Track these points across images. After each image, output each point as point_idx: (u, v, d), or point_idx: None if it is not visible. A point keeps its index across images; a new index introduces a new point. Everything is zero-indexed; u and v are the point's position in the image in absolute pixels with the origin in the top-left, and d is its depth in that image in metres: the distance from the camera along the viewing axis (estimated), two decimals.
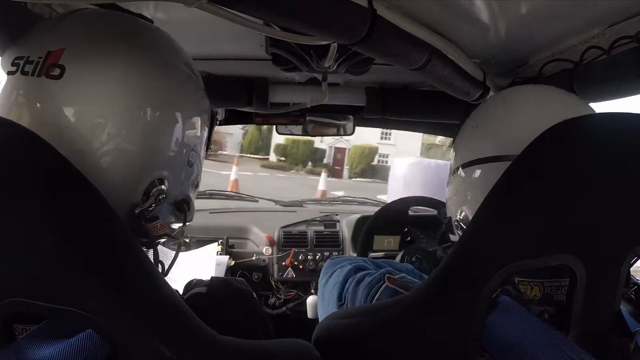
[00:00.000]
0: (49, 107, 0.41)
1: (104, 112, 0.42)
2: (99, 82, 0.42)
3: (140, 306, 0.33)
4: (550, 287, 0.44)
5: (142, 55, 0.45)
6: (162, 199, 0.46)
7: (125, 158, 0.43)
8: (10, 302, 0.29)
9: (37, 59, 0.41)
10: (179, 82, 0.49)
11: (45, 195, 0.31)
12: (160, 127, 0.45)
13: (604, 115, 0.41)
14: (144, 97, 0.44)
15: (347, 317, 0.57)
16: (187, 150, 0.49)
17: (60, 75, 0.41)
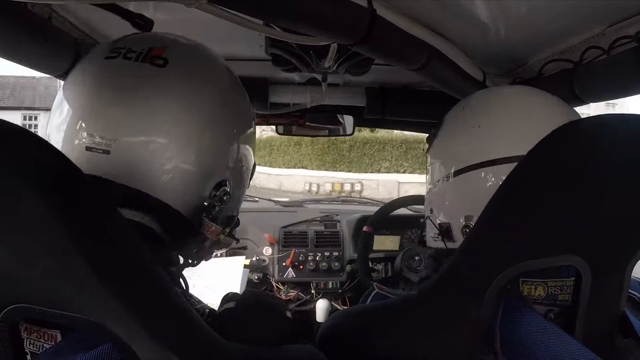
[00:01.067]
0: (144, 90, 0.43)
1: (191, 112, 0.45)
2: (193, 87, 0.46)
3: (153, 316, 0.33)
4: (554, 287, 0.44)
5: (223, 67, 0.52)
6: (226, 199, 0.50)
7: (199, 152, 0.46)
8: (18, 308, 0.29)
9: (139, 50, 0.44)
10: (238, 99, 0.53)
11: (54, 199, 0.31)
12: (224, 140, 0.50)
13: (609, 116, 0.41)
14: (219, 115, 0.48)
15: (352, 315, 0.57)
16: (244, 158, 0.54)
17: (164, 65, 0.44)
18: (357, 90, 1.18)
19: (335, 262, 1.43)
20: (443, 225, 0.60)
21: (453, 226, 0.58)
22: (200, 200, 0.48)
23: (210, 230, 0.49)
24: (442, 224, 0.61)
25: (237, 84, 0.53)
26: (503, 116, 0.56)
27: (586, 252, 0.37)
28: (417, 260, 1.28)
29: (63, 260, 0.30)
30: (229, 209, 0.53)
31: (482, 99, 0.62)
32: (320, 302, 1.33)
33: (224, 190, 0.49)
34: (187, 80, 0.45)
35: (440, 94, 0.88)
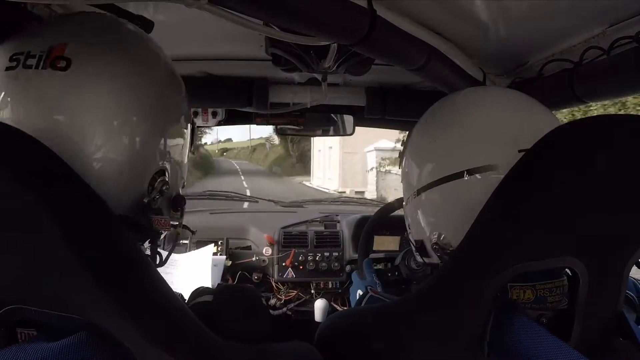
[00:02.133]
0: (52, 99, 0.41)
1: (105, 108, 0.42)
2: (104, 78, 0.42)
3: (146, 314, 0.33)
4: (543, 290, 0.44)
5: (137, 62, 0.47)
6: (165, 189, 0.48)
7: (127, 149, 0.44)
8: (13, 309, 0.29)
9: (39, 52, 0.41)
10: (165, 87, 0.50)
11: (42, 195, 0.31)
12: (151, 134, 0.47)
13: (605, 117, 0.41)
14: (132, 109, 0.45)
15: (349, 317, 0.57)
16: (174, 150, 0.51)
17: (66, 67, 0.41)
18: (357, 90, 1.18)
19: (335, 263, 1.43)
20: (417, 242, 0.59)
21: (425, 243, 0.57)
22: (140, 196, 0.46)
23: (161, 224, 0.48)
24: (417, 241, 0.59)
25: (160, 71, 0.50)
26: (456, 126, 0.53)
27: (583, 253, 0.37)
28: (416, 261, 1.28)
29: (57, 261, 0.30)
30: (171, 191, 0.51)
31: (440, 110, 0.59)
32: (319, 302, 1.33)
33: (162, 180, 0.48)
34: (94, 76, 0.42)
35: (440, 94, 0.87)
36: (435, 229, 0.54)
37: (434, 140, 0.55)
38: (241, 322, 0.45)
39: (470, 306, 0.38)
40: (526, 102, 0.55)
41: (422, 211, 0.57)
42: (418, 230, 0.58)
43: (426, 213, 0.56)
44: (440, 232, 0.53)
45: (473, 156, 0.49)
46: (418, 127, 0.61)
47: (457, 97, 0.60)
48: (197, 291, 0.52)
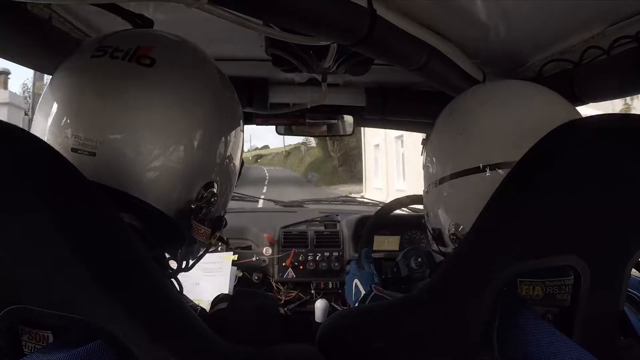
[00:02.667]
0: (130, 90, 0.42)
1: (181, 106, 0.44)
2: (184, 79, 0.45)
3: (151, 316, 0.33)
4: (552, 287, 0.44)
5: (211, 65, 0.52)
6: (213, 201, 0.49)
7: (187, 154, 0.45)
8: (16, 309, 0.29)
9: (127, 48, 0.43)
10: (226, 98, 0.53)
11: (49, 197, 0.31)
12: (211, 140, 0.49)
13: (608, 116, 0.41)
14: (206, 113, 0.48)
15: (351, 316, 0.57)
16: (231, 157, 0.53)
17: (150, 65, 0.43)
18: (357, 90, 1.18)
19: (335, 263, 1.43)
20: (435, 230, 0.60)
21: (443, 232, 0.58)
22: (188, 202, 0.47)
23: (200, 233, 0.49)
24: (435, 229, 0.60)
25: (225, 83, 0.53)
26: (486, 120, 0.54)
27: (585, 252, 0.37)
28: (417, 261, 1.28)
29: (61, 262, 0.30)
30: (217, 210, 0.52)
31: (467, 101, 0.59)
32: (319, 302, 1.33)
33: (211, 191, 0.48)
34: (174, 80, 0.45)
35: (440, 94, 0.88)
36: (454, 219, 0.55)
37: (460, 133, 0.56)
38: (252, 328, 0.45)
39: (474, 304, 0.38)
40: (552, 97, 0.55)
41: (441, 201, 0.57)
42: (436, 219, 0.59)
43: (445, 203, 0.57)
44: (458, 222, 0.54)
45: (496, 151, 0.50)
46: (442, 118, 0.62)
47: (483, 90, 0.60)
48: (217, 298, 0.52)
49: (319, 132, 1.47)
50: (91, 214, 0.33)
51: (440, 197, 0.57)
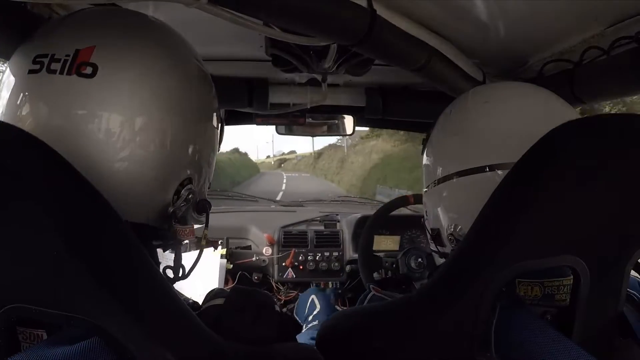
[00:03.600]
0: (77, 106, 0.40)
1: (133, 112, 0.41)
2: (132, 82, 0.41)
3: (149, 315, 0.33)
4: (551, 287, 0.44)
5: (168, 57, 0.45)
6: (190, 198, 0.48)
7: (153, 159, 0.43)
8: (14, 308, 0.29)
9: (64, 57, 0.40)
10: (197, 82, 0.49)
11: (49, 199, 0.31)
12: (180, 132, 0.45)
13: (607, 116, 0.41)
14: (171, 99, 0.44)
15: (350, 316, 0.57)
16: (206, 150, 0.51)
17: (92, 74, 0.39)
18: (357, 91, 1.19)
19: (335, 263, 1.43)
20: (434, 230, 0.60)
21: (441, 232, 0.58)
22: (166, 205, 0.45)
23: (185, 233, 0.48)
24: (433, 229, 0.60)
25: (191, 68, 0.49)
26: (485, 121, 0.54)
27: (584, 252, 0.37)
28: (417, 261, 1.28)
29: (59, 261, 0.30)
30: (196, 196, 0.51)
31: (468, 102, 0.60)
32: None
33: (188, 188, 0.47)
34: (121, 80, 0.41)
35: (440, 94, 0.88)
36: (452, 219, 0.55)
37: (458, 133, 0.56)
38: (249, 327, 0.45)
39: (472, 304, 0.38)
40: (551, 98, 0.55)
41: (440, 201, 0.57)
42: (435, 219, 0.59)
43: (444, 203, 0.57)
44: (456, 223, 0.54)
45: (495, 152, 0.50)
46: (442, 119, 0.62)
47: (484, 91, 0.60)
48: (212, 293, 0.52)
49: (319, 132, 1.47)
50: (89, 211, 0.33)
51: (439, 197, 0.58)
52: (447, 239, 0.56)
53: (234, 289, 0.50)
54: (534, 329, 0.37)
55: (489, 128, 0.53)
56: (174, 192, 0.46)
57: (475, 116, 0.56)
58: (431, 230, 0.61)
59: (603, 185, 0.38)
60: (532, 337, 0.37)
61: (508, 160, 0.48)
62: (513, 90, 0.59)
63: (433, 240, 0.61)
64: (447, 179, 0.55)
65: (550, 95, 0.56)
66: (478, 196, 0.47)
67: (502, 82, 0.68)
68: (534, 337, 0.37)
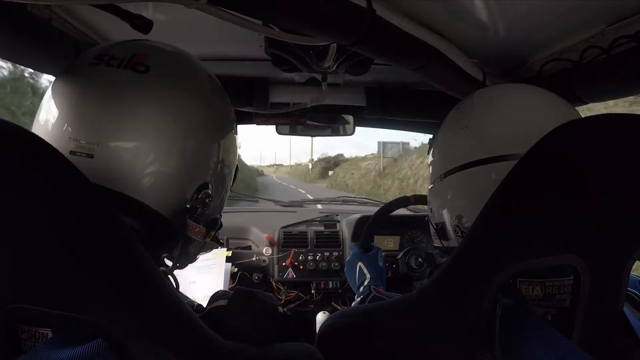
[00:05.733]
0: (125, 95, 0.44)
1: (173, 116, 0.45)
2: (173, 94, 0.46)
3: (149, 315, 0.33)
4: (552, 287, 0.44)
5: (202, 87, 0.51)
6: (208, 202, 0.50)
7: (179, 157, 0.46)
8: (15, 308, 0.29)
9: (122, 56, 0.45)
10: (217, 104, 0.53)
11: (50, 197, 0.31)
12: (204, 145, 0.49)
13: (608, 115, 0.41)
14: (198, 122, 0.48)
15: (351, 316, 0.57)
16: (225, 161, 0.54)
17: (145, 71, 0.44)
18: (357, 90, 1.18)
19: (335, 263, 1.43)
20: (438, 224, 0.61)
21: (446, 225, 0.59)
22: (182, 202, 0.48)
23: (195, 231, 0.50)
24: (438, 223, 0.61)
25: (217, 88, 0.54)
26: (490, 115, 0.56)
27: (584, 251, 0.37)
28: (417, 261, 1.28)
29: (62, 262, 0.30)
30: (212, 211, 0.53)
31: (474, 100, 0.61)
32: (320, 315, 1.33)
33: (206, 192, 0.49)
34: (168, 86, 0.46)
35: (440, 94, 0.88)
36: (457, 211, 0.56)
37: (464, 128, 0.57)
38: (251, 327, 0.45)
39: (473, 303, 0.38)
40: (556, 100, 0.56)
41: (445, 194, 0.59)
42: (440, 213, 0.61)
43: (449, 196, 0.58)
44: (461, 214, 0.55)
45: (499, 143, 0.51)
46: (449, 117, 0.63)
47: (490, 91, 0.62)
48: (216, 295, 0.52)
49: (319, 132, 1.47)
50: (93, 214, 0.33)
51: (444, 190, 0.59)
52: (452, 231, 0.57)
53: (237, 290, 0.50)
54: (534, 329, 0.37)
55: (495, 122, 0.54)
56: (192, 193, 0.49)
57: (482, 111, 0.57)
58: (436, 225, 0.62)
59: (603, 184, 0.38)
60: (533, 337, 0.37)
61: (512, 152, 0.49)
62: (520, 89, 0.60)
63: (438, 234, 0.62)
64: (453, 171, 0.56)
65: (554, 96, 0.57)
66: (482, 187, 0.48)
67: (509, 84, 0.68)
68: (534, 337, 0.37)
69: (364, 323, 0.52)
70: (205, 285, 1.22)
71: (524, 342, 0.37)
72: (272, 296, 0.52)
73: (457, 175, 0.56)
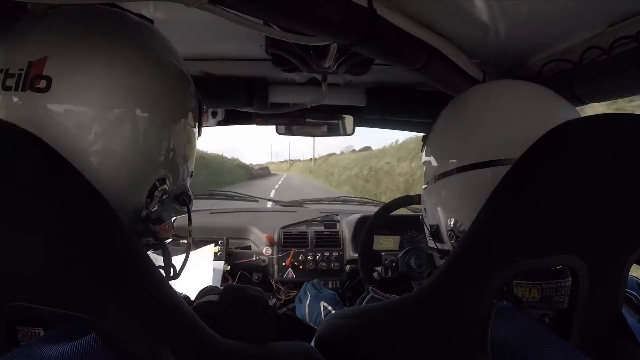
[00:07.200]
0: (36, 121, 0.38)
1: (94, 119, 0.40)
2: (88, 91, 0.40)
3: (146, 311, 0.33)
4: (549, 289, 0.44)
5: (130, 55, 0.43)
6: (165, 198, 0.47)
7: (120, 162, 0.42)
8: (13, 306, 0.29)
9: (18, 71, 0.39)
10: (171, 79, 0.48)
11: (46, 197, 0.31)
12: (154, 128, 0.44)
13: (605, 115, 0.41)
14: (134, 99, 0.42)
15: (349, 317, 0.57)
16: (181, 146, 0.49)
17: (47, 88, 0.38)
18: (357, 90, 1.18)
19: (335, 263, 1.43)
20: (432, 226, 0.60)
21: (441, 228, 0.58)
22: (139, 209, 0.44)
23: (165, 230, 0.48)
24: (432, 225, 0.60)
25: (161, 54, 0.47)
26: (487, 117, 0.54)
27: (583, 252, 0.37)
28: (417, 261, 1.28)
29: (58, 259, 0.30)
30: (174, 193, 0.50)
31: (469, 98, 0.60)
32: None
33: (162, 189, 0.46)
34: (76, 97, 0.39)
35: (441, 94, 0.88)
36: (452, 215, 0.55)
37: (459, 129, 0.56)
38: (244, 323, 0.45)
39: (471, 304, 0.38)
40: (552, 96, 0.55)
41: (440, 197, 0.57)
42: (434, 215, 0.59)
43: (444, 199, 0.57)
44: (456, 218, 0.54)
45: (496, 148, 0.50)
46: (444, 115, 0.62)
47: (486, 88, 0.60)
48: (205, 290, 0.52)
49: (319, 133, 1.47)
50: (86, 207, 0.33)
51: (439, 193, 0.58)
52: (446, 235, 0.56)
53: (227, 287, 0.50)
54: (532, 331, 0.37)
55: (490, 124, 0.53)
56: (147, 195, 0.45)
57: (477, 112, 0.56)
58: (430, 227, 0.61)
59: (601, 185, 0.38)
60: (530, 339, 0.37)
61: (509, 157, 0.48)
62: (514, 88, 0.59)
63: (432, 236, 0.61)
64: (448, 174, 0.55)
65: (550, 93, 0.56)
66: (478, 192, 0.48)
67: (503, 80, 0.68)
68: (531, 339, 0.37)
69: (363, 324, 0.52)
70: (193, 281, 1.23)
71: (522, 344, 0.37)
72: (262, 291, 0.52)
73: (453, 178, 0.54)
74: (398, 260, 1.29)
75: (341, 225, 1.55)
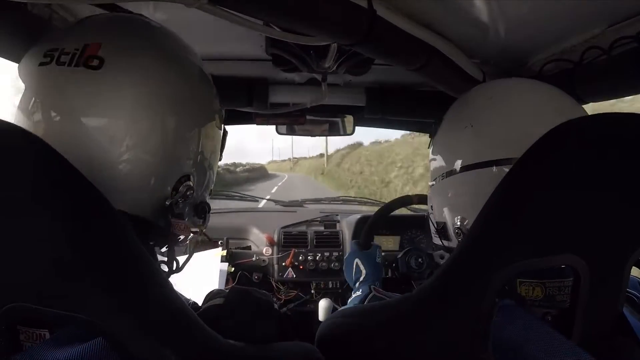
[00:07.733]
0: (82, 97, 0.41)
1: (137, 107, 0.43)
2: (135, 79, 0.43)
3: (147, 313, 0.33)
4: (552, 288, 0.44)
5: (169, 59, 0.47)
6: (189, 194, 0.48)
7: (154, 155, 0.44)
8: (14, 307, 0.29)
9: (73, 50, 0.42)
10: (198, 83, 0.51)
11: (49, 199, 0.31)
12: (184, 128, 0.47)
13: (606, 115, 0.41)
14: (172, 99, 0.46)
15: (350, 316, 0.57)
16: (207, 150, 0.52)
17: (99, 67, 0.41)
18: (357, 90, 1.18)
19: (335, 263, 1.43)
20: (439, 224, 0.60)
21: (447, 226, 0.58)
22: (163, 199, 0.46)
23: (180, 228, 0.48)
24: (439, 223, 0.61)
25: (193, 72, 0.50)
26: (492, 116, 0.54)
27: (584, 251, 0.37)
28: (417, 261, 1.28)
29: (59, 260, 0.30)
30: (195, 199, 0.51)
31: (475, 96, 0.60)
32: (323, 301, 1.33)
33: (187, 184, 0.48)
34: (126, 76, 0.42)
35: (440, 94, 0.88)
36: (459, 213, 0.55)
37: (465, 128, 0.56)
38: (248, 326, 0.45)
39: (472, 303, 0.38)
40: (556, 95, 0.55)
41: (447, 195, 0.57)
42: (441, 213, 0.59)
43: (451, 197, 0.57)
44: (463, 216, 0.54)
45: (503, 146, 0.50)
46: (450, 113, 0.62)
47: (491, 87, 0.60)
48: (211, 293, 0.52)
49: (319, 132, 1.47)
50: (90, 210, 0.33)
51: (446, 191, 0.58)
52: (453, 233, 0.57)
53: (233, 289, 0.50)
54: (533, 329, 0.37)
55: (495, 122, 0.53)
56: (172, 188, 0.47)
57: (482, 111, 0.56)
58: (436, 224, 0.61)
59: (603, 184, 0.38)
60: (532, 337, 0.37)
61: (512, 156, 0.48)
62: (518, 86, 0.59)
63: (438, 234, 0.61)
64: (454, 172, 0.55)
65: (554, 90, 0.56)
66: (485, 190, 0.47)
67: (506, 79, 0.68)
68: (534, 337, 0.37)
69: (364, 323, 0.52)
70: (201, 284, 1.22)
71: (524, 342, 0.37)
72: (267, 293, 0.52)
73: (460, 176, 0.55)
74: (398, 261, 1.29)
75: (341, 225, 1.55)
